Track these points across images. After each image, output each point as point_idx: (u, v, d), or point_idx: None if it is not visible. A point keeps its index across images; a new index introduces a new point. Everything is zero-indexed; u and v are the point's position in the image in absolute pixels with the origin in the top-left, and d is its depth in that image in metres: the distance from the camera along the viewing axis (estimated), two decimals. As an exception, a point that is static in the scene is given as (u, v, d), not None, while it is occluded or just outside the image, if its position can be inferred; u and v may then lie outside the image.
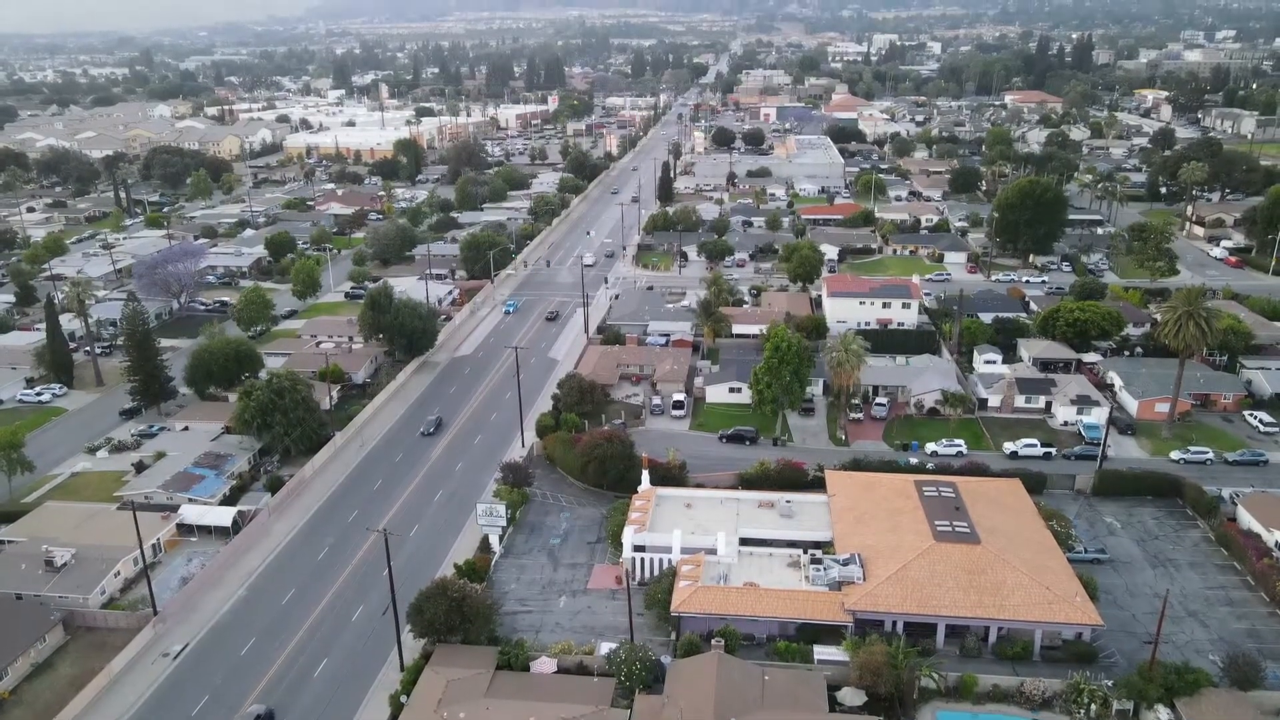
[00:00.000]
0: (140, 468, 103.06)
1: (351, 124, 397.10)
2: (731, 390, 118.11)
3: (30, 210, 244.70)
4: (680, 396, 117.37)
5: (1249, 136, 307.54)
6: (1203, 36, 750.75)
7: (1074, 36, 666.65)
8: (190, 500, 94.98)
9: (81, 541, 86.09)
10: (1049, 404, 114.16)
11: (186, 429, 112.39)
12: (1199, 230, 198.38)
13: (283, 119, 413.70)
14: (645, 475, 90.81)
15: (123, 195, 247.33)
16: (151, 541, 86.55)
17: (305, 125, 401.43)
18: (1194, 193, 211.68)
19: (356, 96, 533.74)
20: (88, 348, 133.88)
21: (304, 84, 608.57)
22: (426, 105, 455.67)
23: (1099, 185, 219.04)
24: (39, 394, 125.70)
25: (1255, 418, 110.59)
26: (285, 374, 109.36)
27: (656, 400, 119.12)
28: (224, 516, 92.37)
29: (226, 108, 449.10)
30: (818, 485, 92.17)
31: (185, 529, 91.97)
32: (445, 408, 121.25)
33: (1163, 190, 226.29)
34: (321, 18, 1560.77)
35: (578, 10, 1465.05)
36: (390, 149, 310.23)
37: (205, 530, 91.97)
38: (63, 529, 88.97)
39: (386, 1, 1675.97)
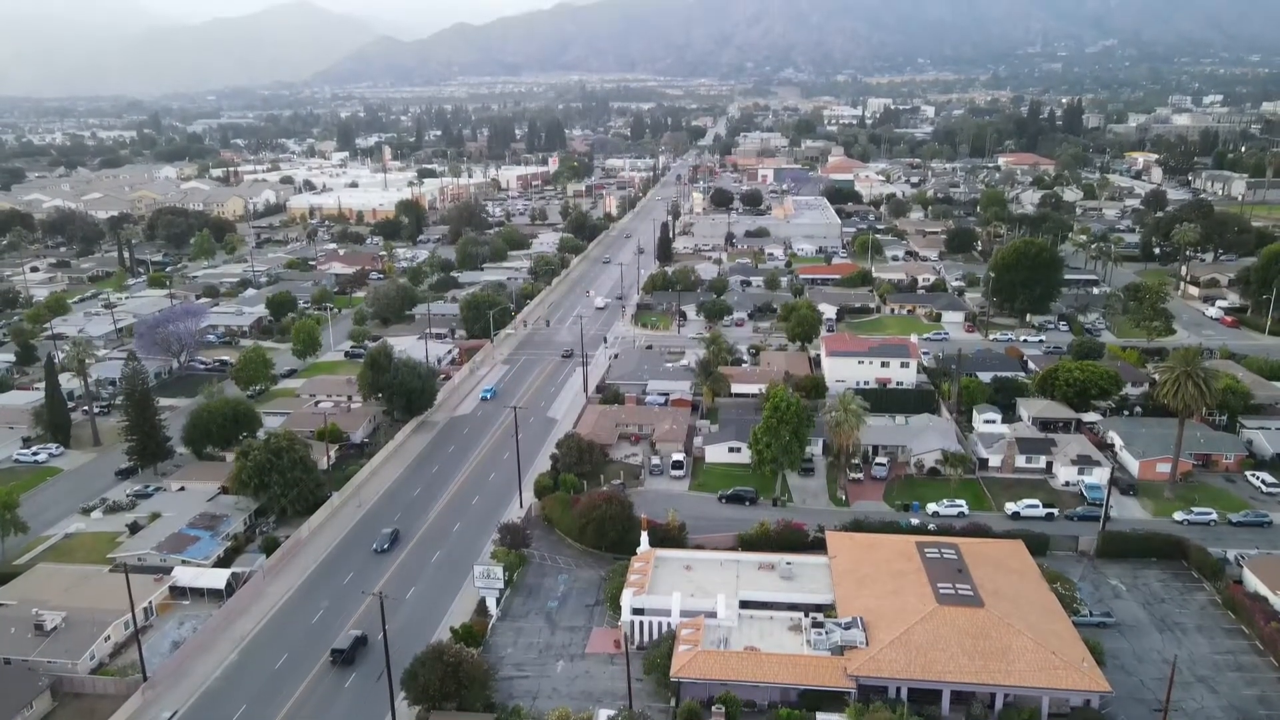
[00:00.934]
0: (134, 529, 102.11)
1: (354, 185, 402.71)
2: (731, 450, 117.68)
3: (34, 270, 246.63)
4: (679, 456, 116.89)
5: (1239, 198, 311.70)
6: (1190, 101, 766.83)
7: (1064, 101, 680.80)
8: (184, 562, 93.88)
9: (73, 604, 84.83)
10: (1050, 464, 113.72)
11: (183, 489, 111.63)
12: (1194, 290, 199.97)
13: (286, 180, 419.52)
14: (644, 537, 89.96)
15: (126, 255, 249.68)
16: (143, 605, 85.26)
17: (309, 186, 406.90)
18: (1187, 253, 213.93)
19: (360, 158, 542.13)
20: (86, 407, 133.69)
21: (308, 146, 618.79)
22: (429, 167, 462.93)
23: (1093, 246, 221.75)
24: (35, 454, 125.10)
25: (1257, 478, 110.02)
26: (283, 434, 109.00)
27: (655, 460, 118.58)
28: (218, 579, 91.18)
29: (231, 169, 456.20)
30: (818, 547, 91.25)
31: (178, 591, 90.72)
32: (444, 466, 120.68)
33: (1156, 251, 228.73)
34: (328, 82, 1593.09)
35: (578, 75, 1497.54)
36: (392, 210, 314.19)
37: (199, 593, 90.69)
38: (54, 592, 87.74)
39: (391, 67, 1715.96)
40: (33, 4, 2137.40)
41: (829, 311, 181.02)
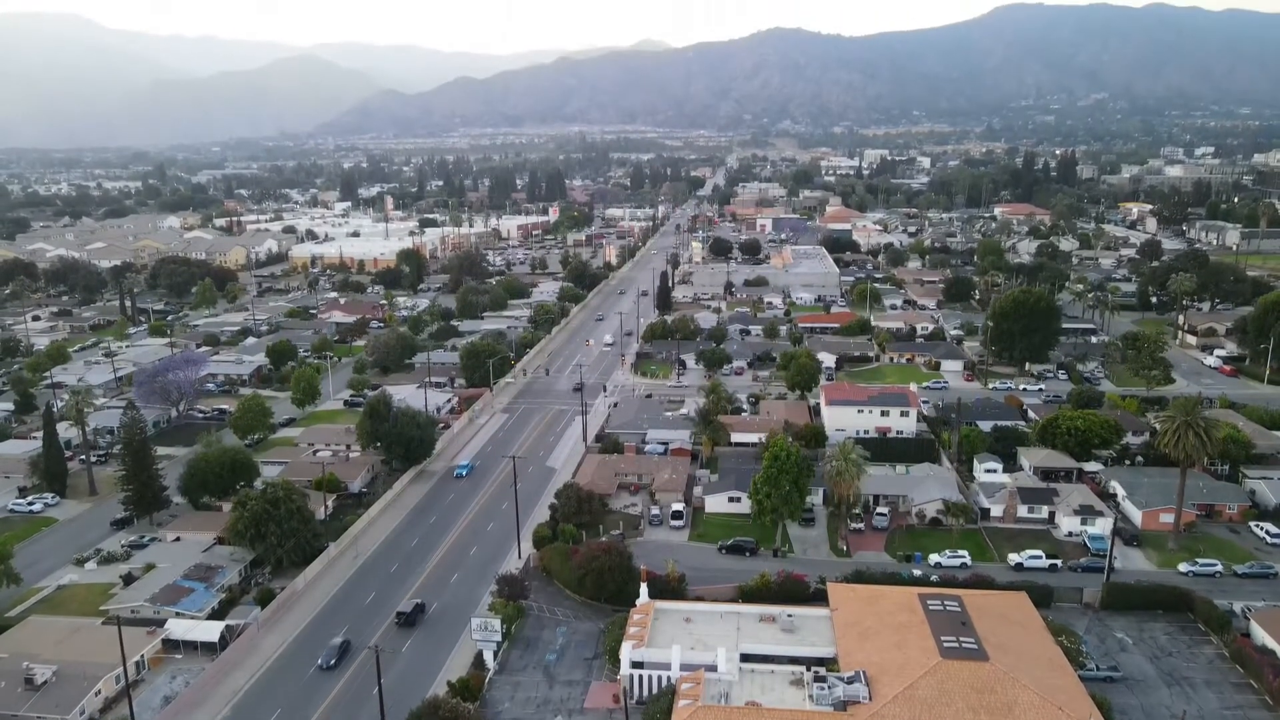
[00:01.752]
0: (129, 580, 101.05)
1: (356, 235, 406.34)
2: (731, 500, 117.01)
3: (35, 319, 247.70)
4: (679, 506, 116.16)
5: (1234, 248, 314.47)
6: (1182, 153, 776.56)
7: (1058, 152, 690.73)
8: (178, 615, 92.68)
9: (64, 658, 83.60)
10: (1052, 514, 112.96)
11: (178, 539, 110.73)
12: (1191, 339, 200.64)
13: (289, 230, 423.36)
14: (644, 588, 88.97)
15: (128, 304, 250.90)
16: (135, 658, 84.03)
17: (311, 236, 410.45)
18: (1184, 303, 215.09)
19: (362, 208, 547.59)
20: (83, 456, 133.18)
21: (311, 196, 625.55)
22: (430, 216, 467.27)
23: (1090, 295, 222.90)
24: (31, 504, 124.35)
25: (1262, 529, 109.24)
26: (280, 483, 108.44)
27: (655, 510, 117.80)
28: (211, 632, 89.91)
29: (235, 219, 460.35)
30: (820, 598, 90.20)
31: (171, 644, 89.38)
32: (442, 516, 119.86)
33: (1153, 300, 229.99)
34: (332, 134, 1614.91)
35: (579, 126, 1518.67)
36: (393, 259, 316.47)
37: (192, 646, 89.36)
38: (46, 644, 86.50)
39: (394, 119, 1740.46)
40: (42, 58, 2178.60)
41: (828, 360, 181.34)
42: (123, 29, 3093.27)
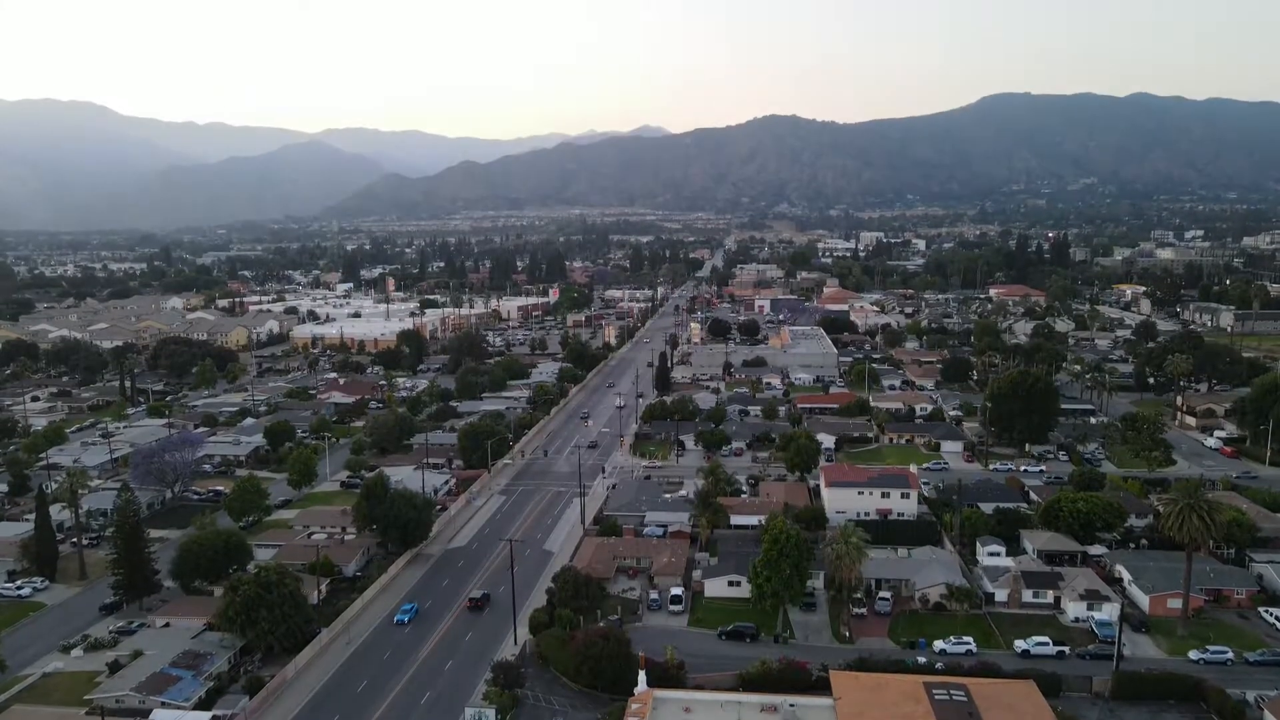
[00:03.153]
0: (115, 668, 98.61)
1: (358, 315, 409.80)
2: (731, 584, 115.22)
3: (34, 399, 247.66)
4: (678, 590, 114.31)
5: (1229, 329, 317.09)
6: (1172, 236, 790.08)
7: (1050, 235, 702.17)
8: (164, 704, 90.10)
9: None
10: (1057, 599, 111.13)
11: (167, 625, 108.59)
12: (1190, 420, 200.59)
13: (291, 310, 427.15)
14: (642, 676, 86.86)
15: (128, 384, 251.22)
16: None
17: (313, 317, 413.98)
18: (1181, 383, 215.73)
19: (364, 289, 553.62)
20: (75, 539, 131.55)
21: (314, 277, 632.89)
22: (431, 297, 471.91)
23: (1088, 376, 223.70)
24: (19, 588, 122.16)
25: (1272, 615, 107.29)
26: (273, 567, 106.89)
27: (654, 595, 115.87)
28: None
29: (238, 300, 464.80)
30: (822, 686, 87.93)
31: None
32: (437, 601, 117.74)
33: (1150, 381, 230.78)
34: (336, 216, 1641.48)
35: (579, 209, 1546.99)
36: (394, 339, 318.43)
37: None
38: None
39: (398, 202, 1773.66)
40: (55, 144, 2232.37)
41: (827, 441, 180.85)
42: (136, 116, 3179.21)
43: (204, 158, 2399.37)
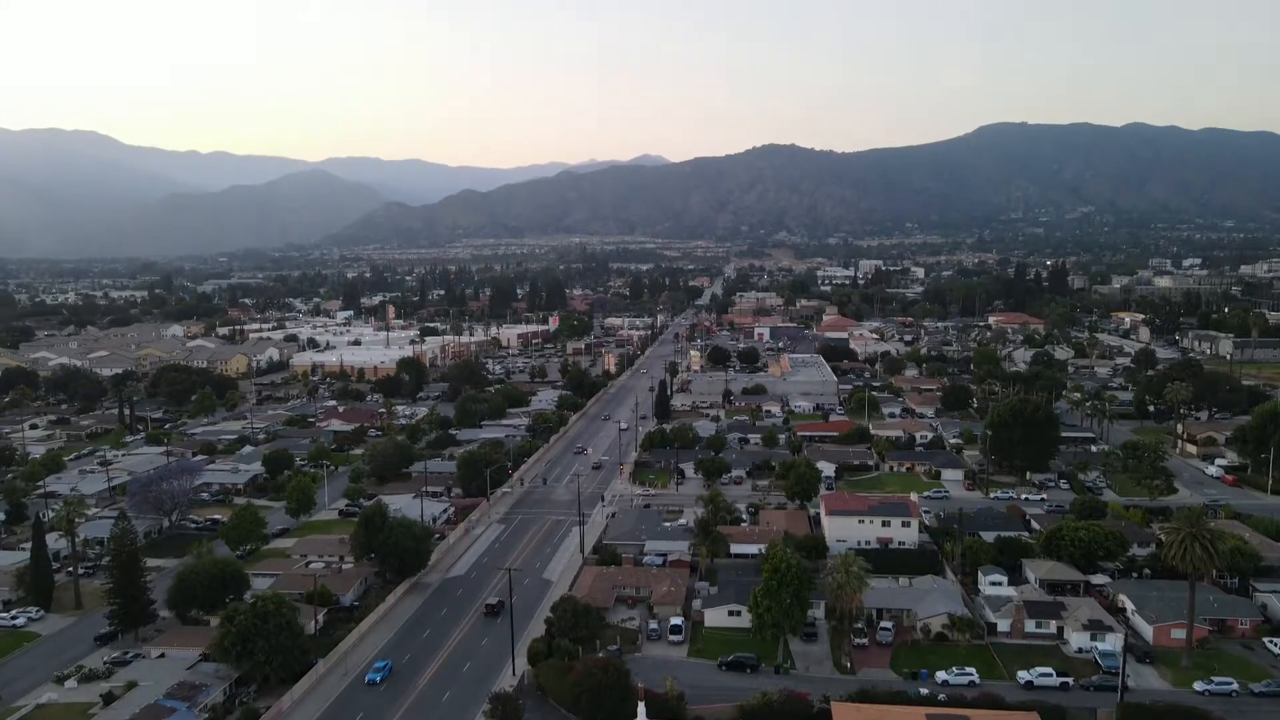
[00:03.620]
0: (109, 699, 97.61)
1: (358, 343, 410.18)
2: (731, 613, 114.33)
3: (33, 427, 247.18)
4: (678, 620, 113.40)
5: (1228, 357, 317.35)
6: (1170, 264, 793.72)
7: (1048, 263, 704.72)
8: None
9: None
10: (1060, 629, 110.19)
11: (163, 656, 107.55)
12: (1191, 448, 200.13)
13: (291, 338, 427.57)
14: (641, 707, 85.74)
15: (127, 412, 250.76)
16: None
17: (313, 344, 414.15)
18: (1181, 411, 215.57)
19: (364, 317, 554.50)
20: (71, 568, 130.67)
21: (314, 305, 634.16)
22: (431, 325, 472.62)
23: (1088, 403, 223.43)
24: (14, 618, 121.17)
25: (1276, 645, 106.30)
26: (270, 597, 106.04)
27: (653, 624, 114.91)
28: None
29: (238, 327, 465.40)
30: (824, 718, 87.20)
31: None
32: (435, 630, 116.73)
33: (1150, 408, 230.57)
34: (337, 244, 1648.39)
35: (579, 237, 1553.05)
36: (393, 367, 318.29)
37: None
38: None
39: (398, 230, 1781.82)
40: (59, 173, 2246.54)
41: (828, 469, 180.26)
42: (139, 145, 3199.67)
43: (206, 186, 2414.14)
